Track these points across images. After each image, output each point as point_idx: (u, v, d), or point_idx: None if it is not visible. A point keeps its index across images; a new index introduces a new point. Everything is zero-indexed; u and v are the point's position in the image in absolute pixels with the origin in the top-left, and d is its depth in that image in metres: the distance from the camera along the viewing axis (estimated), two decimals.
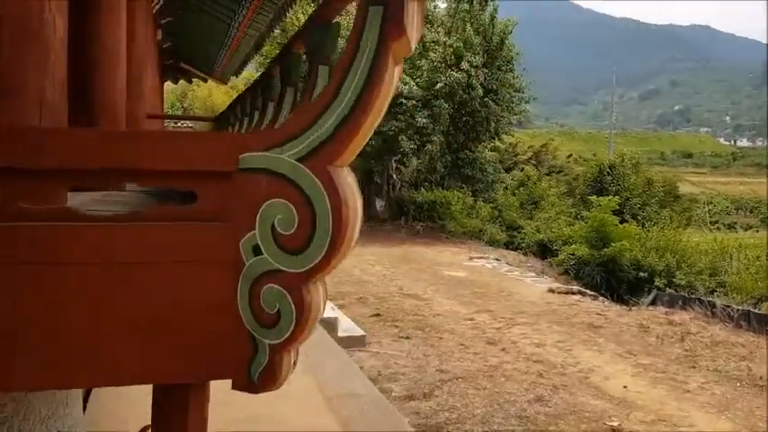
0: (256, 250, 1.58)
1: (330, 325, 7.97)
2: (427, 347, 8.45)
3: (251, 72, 29.95)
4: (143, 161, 1.55)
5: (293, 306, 1.55)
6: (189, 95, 34.84)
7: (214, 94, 31.40)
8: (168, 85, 28.52)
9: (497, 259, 17.04)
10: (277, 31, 21.64)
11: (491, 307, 11.06)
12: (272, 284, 1.57)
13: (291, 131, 1.52)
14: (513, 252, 19.91)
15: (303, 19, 21.00)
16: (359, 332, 8.28)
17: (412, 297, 11.58)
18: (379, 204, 24.60)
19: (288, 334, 1.57)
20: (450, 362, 7.87)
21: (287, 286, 1.55)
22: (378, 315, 10.04)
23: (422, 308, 10.74)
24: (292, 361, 1.63)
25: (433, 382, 7.10)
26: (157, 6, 10.62)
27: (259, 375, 1.61)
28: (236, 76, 17.70)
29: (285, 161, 1.53)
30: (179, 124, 33.84)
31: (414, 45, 1.49)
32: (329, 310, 8.46)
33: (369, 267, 14.43)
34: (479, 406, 6.47)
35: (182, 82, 23.32)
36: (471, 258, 16.62)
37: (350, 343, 7.98)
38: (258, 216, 1.57)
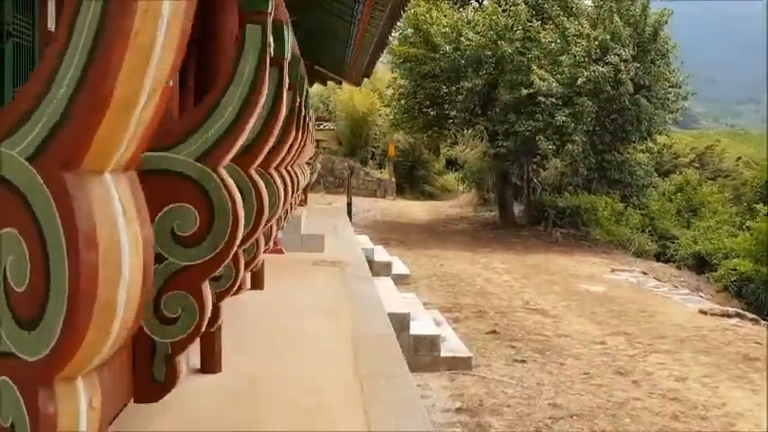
0: None
1: (432, 344, 7.25)
2: (544, 374, 7.48)
3: (385, 72, 29.82)
4: None
5: (28, 423, 0.88)
6: (333, 98, 35.40)
7: (355, 97, 31.55)
8: (316, 88, 29.00)
9: (644, 273, 15.41)
10: (410, 30, 21.22)
11: (628, 329, 9.79)
12: (5, 378, 0.91)
13: (20, 112, 0.85)
14: (663, 265, 18.03)
15: (426, 15, 20.38)
16: (465, 353, 7.47)
17: (538, 313, 10.55)
18: (517, 209, 23.42)
19: None
20: (567, 394, 6.87)
21: (21, 385, 0.89)
22: (494, 332, 9.16)
23: (547, 326, 9.71)
24: None
25: (542, 418, 6.17)
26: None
27: None
28: (367, 78, 17.43)
29: (15, 160, 0.87)
30: (321, 126, 34.51)
31: None
32: (432, 326, 7.73)
33: (495, 277, 13.50)
34: None
35: (330, 84, 23.62)
36: (613, 271, 15.14)
37: (453, 365, 7.21)
38: None
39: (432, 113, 21.96)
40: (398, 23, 13.42)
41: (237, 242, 1.83)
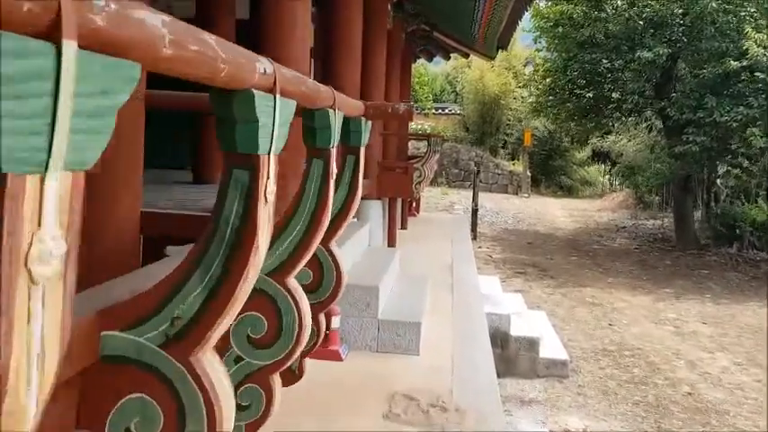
0: None
1: None
2: None
3: (522, 49, 24.75)
4: None
5: None
6: (460, 78, 30.59)
7: (486, 76, 26.55)
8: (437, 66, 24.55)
9: None
10: None
11: None
12: None
13: None
14: None
15: None
16: None
17: None
18: (696, 218, 17.79)
19: None
20: None
21: None
22: None
23: None
24: None
25: None
26: None
27: None
28: (503, 49, 12.75)
29: None
30: (446, 111, 29.89)
31: None
32: None
33: (705, 358, 8.50)
34: None
35: (455, 59, 18.94)
36: None
37: None
38: None
39: (587, 96, 16.72)
40: None
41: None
